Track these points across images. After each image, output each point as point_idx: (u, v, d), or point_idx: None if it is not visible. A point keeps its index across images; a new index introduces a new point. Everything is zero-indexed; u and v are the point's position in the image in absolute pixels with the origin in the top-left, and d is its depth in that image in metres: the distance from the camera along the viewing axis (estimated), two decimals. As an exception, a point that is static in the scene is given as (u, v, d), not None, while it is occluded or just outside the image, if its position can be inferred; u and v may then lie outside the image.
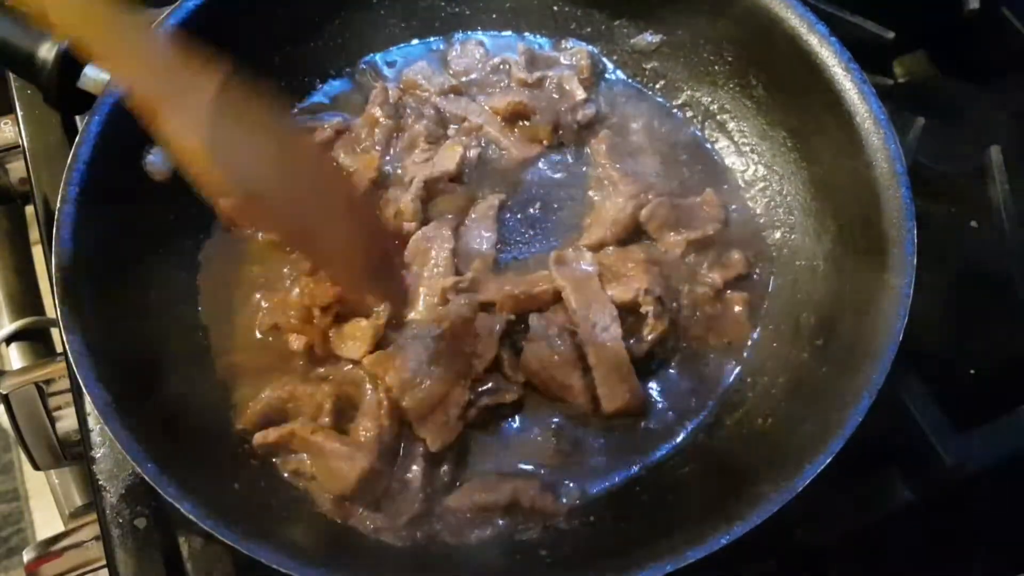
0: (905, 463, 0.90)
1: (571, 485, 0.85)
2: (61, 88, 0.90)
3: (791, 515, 0.71)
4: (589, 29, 1.12)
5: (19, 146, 1.05)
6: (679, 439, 0.89)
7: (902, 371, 0.81)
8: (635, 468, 0.87)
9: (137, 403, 0.76)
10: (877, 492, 0.89)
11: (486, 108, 1.06)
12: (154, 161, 0.92)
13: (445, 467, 0.85)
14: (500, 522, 0.82)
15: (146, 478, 0.71)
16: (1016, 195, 1.05)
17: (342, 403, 0.86)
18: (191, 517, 0.69)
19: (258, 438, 0.84)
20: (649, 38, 1.09)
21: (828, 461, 0.73)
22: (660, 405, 0.90)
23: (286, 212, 0.75)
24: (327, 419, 0.85)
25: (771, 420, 0.86)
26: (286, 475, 0.84)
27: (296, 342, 0.89)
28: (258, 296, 0.92)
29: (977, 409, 0.91)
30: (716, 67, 1.06)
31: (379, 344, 0.87)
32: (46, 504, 1.17)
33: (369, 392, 0.85)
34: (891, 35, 1.14)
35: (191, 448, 0.79)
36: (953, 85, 1.22)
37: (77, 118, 1.02)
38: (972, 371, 0.98)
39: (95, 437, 0.85)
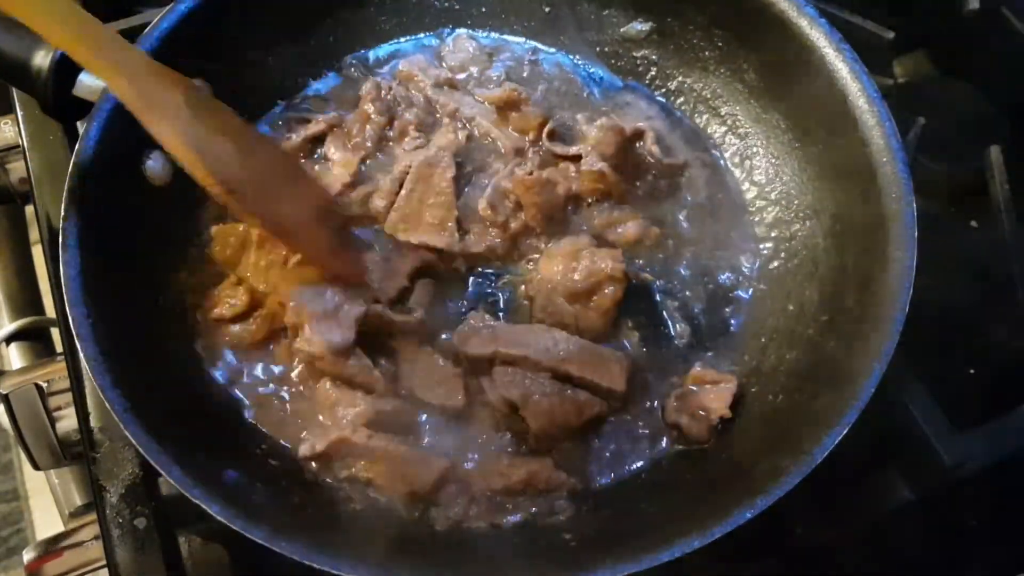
0: (905, 463, 0.90)
1: (592, 468, 0.86)
2: (57, 96, 0.89)
3: (791, 514, 0.72)
4: (578, 19, 1.12)
5: (19, 146, 1.05)
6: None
7: (902, 371, 0.82)
8: (654, 449, 0.87)
9: (154, 407, 0.76)
10: (877, 492, 0.89)
11: (479, 100, 1.06)
12: (153, 166, 0.92)
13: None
14: (529, 508, 0.82)
15: (171, 482, 0.70)
16: (1016, 195, 1.05)
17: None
18: (220, 519, 0.69)
19: (304, 451, 0.83)
20: (638, 27, 1.10)
21: (844, 432, 0.73)
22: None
23: (260, 203, 0.85)
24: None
25: (783, 396, 0.86)
26: (332, 481, 0.83)
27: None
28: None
29: (977, 409, 0.91)
30: (707, 53, 1.06)
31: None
32: (46, 504, 1.17)
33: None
34: (891, 35, 1.14)
35: (212, 450, 0.79)
36: (953, 85, 1.22)
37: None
38: (972, 371, 0.98)
39: (95, 437, 0.85)
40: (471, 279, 0.96)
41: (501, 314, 0.94)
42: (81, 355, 0.75)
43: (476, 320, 0.90)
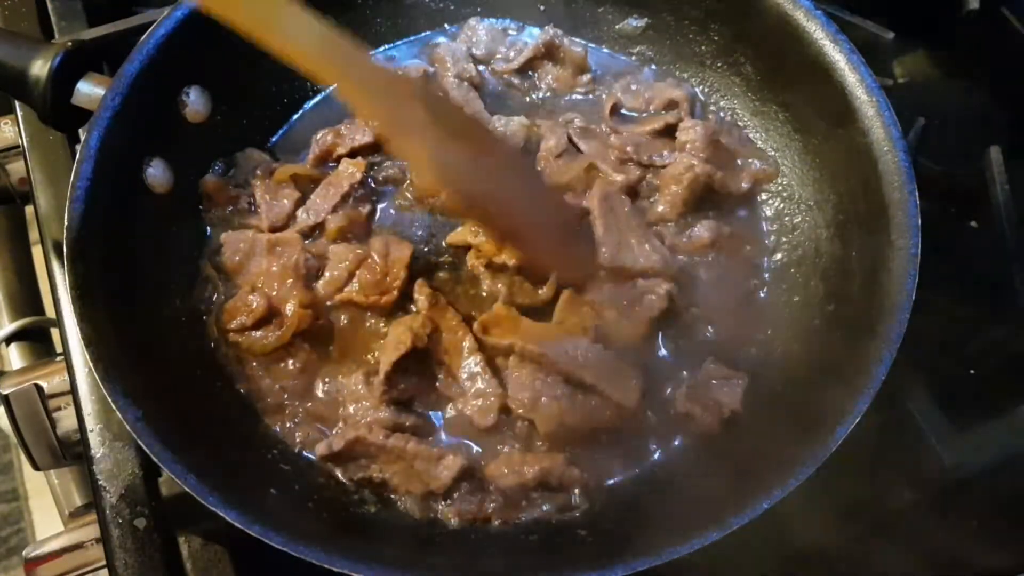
0: (905, 463, 0.90)
1: (605, 464, 0.86)
2: (56, 105, 0.89)
3: (791, 515, 0.72)
4: (574, 17, 1.12)
5: (19, 146, 1.05)
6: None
7: (902, 371, 0.82)
8: (667, 443, 0.87)
9: (165, 415, 0.76)
10: (877, 492, 0.89)
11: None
12: (154, 173, 0.92)
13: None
14: (544, 505, 0.83)
15: (187, 490, 0.71)
16: (1016, 195, 1.05)
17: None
18: (237, 525, 0.69)
19: (321, 449, 0.83)
20: (634, 22, 1.10)
21: (857, 420, 0.74)
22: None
23: (497, 210, 0.81)
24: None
25: (792, 387, 0.86)
26: (347, 483, 0.84)
27: None
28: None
29: (977, 409, 0.91)
30: (703, 47, 1.06)
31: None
32: (46, 504, 1.17)
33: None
34: (891, 35, 1.14)
35: (224, 456, 0.79)
36: (953, 85, 1.22)
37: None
38: (972, 371, 0.98)
39: (95, 437, 0.85)
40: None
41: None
42: (90, 365, 0.75)
43: (501, 310, 0.90)
